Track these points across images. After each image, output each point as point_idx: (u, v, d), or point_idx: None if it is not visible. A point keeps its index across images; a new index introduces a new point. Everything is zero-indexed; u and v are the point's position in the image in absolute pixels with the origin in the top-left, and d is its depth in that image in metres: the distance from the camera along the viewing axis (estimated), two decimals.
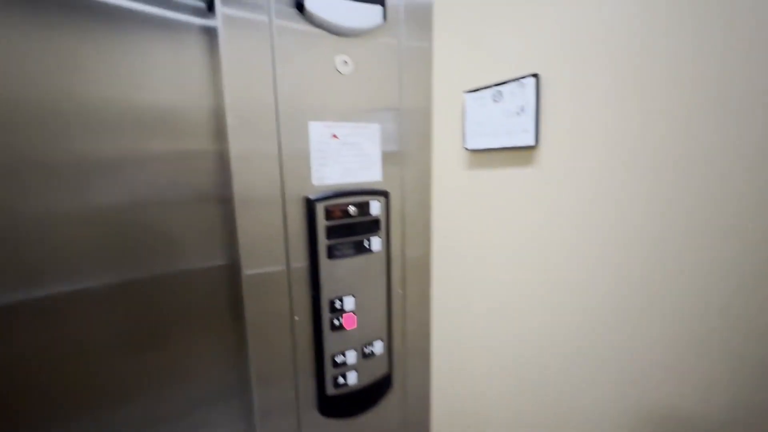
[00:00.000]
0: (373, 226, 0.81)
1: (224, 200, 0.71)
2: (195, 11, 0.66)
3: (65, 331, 0.64)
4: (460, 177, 0.81)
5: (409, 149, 0.85)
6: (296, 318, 0.77)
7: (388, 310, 0.87)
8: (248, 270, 0.71)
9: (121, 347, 0.69)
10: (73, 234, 0.63)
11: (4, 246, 0.60)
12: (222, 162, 0.69)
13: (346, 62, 0.74)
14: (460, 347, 0.88)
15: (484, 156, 0.75)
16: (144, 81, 0.64)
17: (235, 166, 0.67)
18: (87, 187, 0.63)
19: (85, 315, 0.65)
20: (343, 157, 0.77)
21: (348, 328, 0.81)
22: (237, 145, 0.66)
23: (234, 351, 0.78)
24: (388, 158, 0.83)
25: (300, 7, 0.67)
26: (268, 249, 0.72)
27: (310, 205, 0.73)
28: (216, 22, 0.63)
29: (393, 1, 0.77)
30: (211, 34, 0.66)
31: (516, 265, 0.72)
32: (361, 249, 0.80)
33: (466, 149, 0.77)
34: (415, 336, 0.95)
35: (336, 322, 0.79)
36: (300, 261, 0.75)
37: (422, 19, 0.82)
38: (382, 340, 0.87)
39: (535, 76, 0.61)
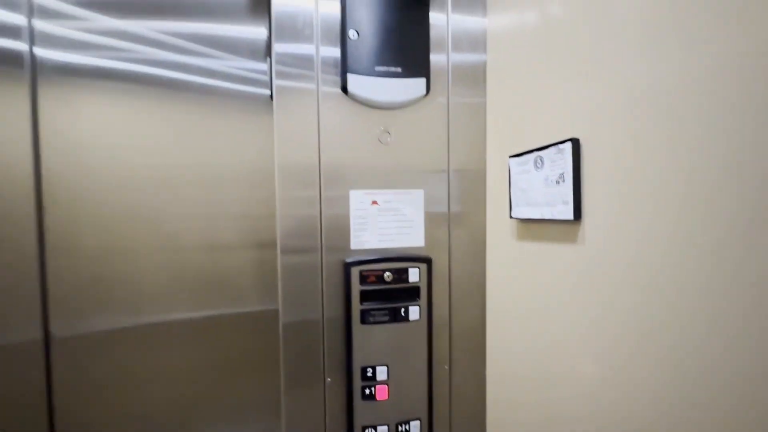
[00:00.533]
0: (410, 293, 0.77)
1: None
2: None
3: (146, 356, 0.79)
4: (509, 247, 0.73)
5: (459, 212, 0.81)
6: (328, 379, 0.77)
7: (428, 387, 0.80)
8: (285, 318, 0.75)
9: (182, 377, 0.81)
10: (162, 272, 0.80)
11: (125, 280, 0.79)
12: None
13: (388, 133, 0.77)
14: None
15: (530, 227, 0.66)
16: (226, 143, 0.81)
17: (280, 217, 0.74)
18: (177, 234, 0.80)
19: (161, 344, 0.79)
20: (383, 222, 0.78)
21: (379, 399, 0.77)
22: (283, 201, 0.74)
23: (273, 400, 0.82)
24: (435, 220, 0.80)
25: (344, 89, 0.74)
26: (306, 302, 0.76)
27: (345, 268, 0.75)
28: None
29: (440, 65, 0.78)
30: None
31: (574, 354, 0.58)
32: (396, 317, 0.77)
33: (512, 218, 0.69)
34: (465, 422, 0.84)
35: (367, 392, 0.76)
36: (335, 321, 0.77)
37: (471, 82, 0.80)
38: (420, 419, 0.79)
39: (573, 141, 0.53)
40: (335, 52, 0.74)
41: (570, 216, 0.53)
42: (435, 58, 0.78)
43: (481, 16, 0.80)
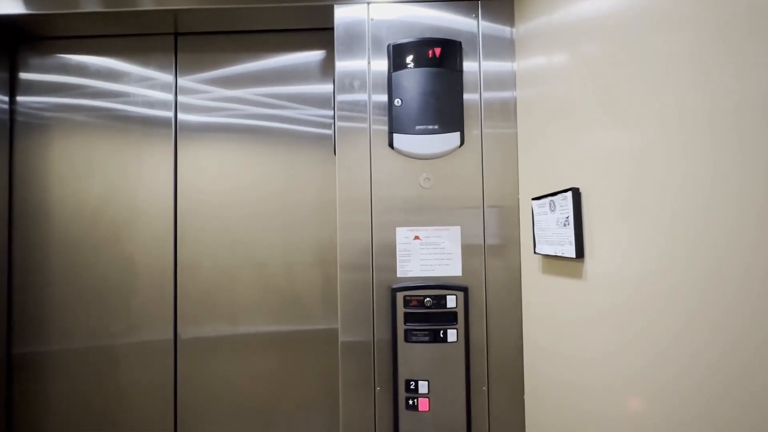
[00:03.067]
0: (448, 317, 0.88)
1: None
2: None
3: (239, 357, 1.02)
4: (537, 279, 0.80)
5: (494, 245, 0.91)
6: (378, 388, 0.91)
7: (467, 405, 0.88)
8: (343, 337, 0.91)
9: (265, 376, 1.01)
10: (253, 290, 1.03)
11: (227, 296, 1.04)
12: None
13: (428, 179, 0.91)
14: None
15: (550, 262, 0.73)
16: (300, 173, 1.03)
17: (341, 249, 0.91)
18: (264, 260, 1.03)
19: (246, 352, 1.02)
20: (424, 255, 0.91)
21: (421, 411, 0.87)
22: (342, 237, 0.92)
23: (334, 407, 0.98)
24: (471, 252, 0.90)
25: (391, 145, 0.91)
26: (360, 323, 0.91)
27: (392, 293, 0.90)
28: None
29: (474, 125, 0.91)
30: None
31: (598, 385, 0.64)
32: (436, 338, 0.88)
33: (536, 253, 0.77)
34: None
35: (411, 402, 0.88)
36: (384, 339, 0.91)
37: (502, 139, 0.91)
38: None
39: (573, 190, 0.61)
40: (383, 97, 0.92)
41: (573, 255, 0.61)
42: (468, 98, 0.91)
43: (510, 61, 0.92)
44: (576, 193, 0.61)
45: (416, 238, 0.91)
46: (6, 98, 1.08)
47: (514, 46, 0.92)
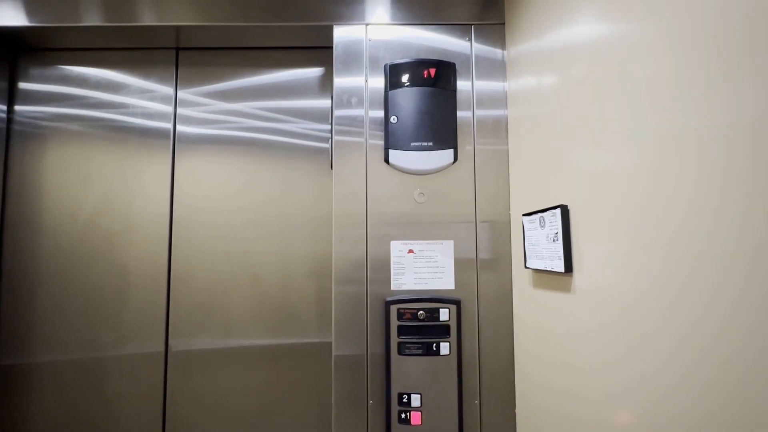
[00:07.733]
0: (441, 330, 0.89)
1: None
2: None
3: (231, 371, 1.01)
4: (527, 293, 0.82)
5: (486, 259, 0.93)
6: (371, 402, 0.91)
7: (459, 419, 0.89)
8: (337, 351, 0.92)
9: (256, 390, 1.00)
10: (247, 302, 1.03)
11: (213, 309, 1.04)
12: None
13: (422, 194, 0.93)
14: None
15: (540, 276, 0.75)
16: (296, 184, 1.04)
17: (336, 262, 0.93)
18: (260, 273, 1.03)
19: (238, 365, 1.01)
20: (418, 268, 0.92)
21: (414, 425, 0.88)
22: (338, 250, 0.93)
23: (326, 421, 0.97)
24: (464, 266, 0.92)
25: (387, 161, 0.93)
26: (354, 336, 0.92)
27: (386, 306, 0.91)
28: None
29: (467, 142, 0.94)
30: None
31: (589, 397, 0.65)
32: (429, 351, 0.89)
33: (526, 268, 0.79)
34: None
35: (403, 416, 0.88)
36: (378, 352, 0.91)
37: (494, 156, 0.94)
38: None
39: (562, 207, 0.64)
40: (379, 113, 0.95)
41: (562, 269, 0.63)
42: (461, 116, 0.95)
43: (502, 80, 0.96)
44: (564, 210, 0.64)
45: (410, 251, 0.93)
46: (4, 107, 1.08)
47: (505, 67, 0.96)
